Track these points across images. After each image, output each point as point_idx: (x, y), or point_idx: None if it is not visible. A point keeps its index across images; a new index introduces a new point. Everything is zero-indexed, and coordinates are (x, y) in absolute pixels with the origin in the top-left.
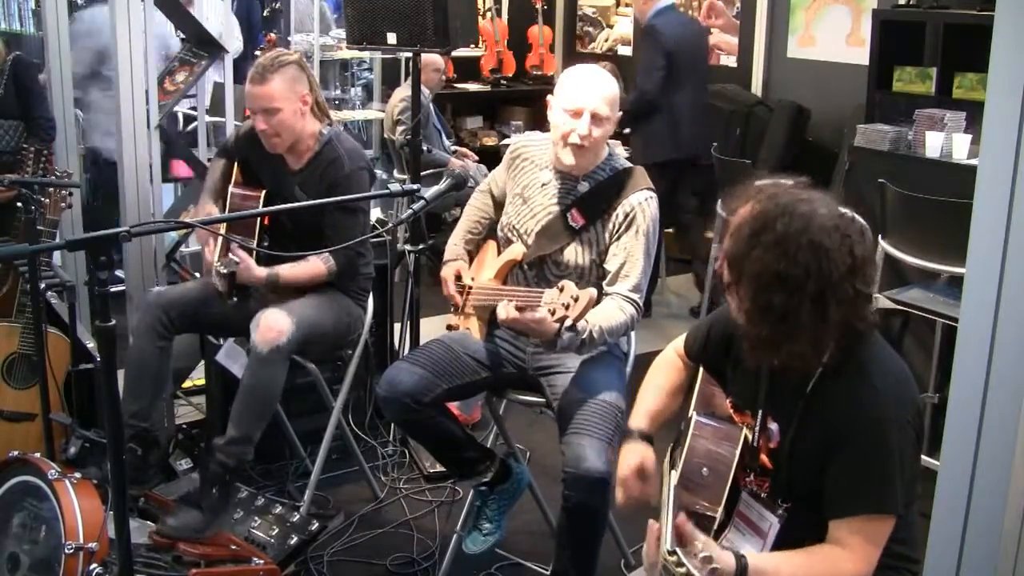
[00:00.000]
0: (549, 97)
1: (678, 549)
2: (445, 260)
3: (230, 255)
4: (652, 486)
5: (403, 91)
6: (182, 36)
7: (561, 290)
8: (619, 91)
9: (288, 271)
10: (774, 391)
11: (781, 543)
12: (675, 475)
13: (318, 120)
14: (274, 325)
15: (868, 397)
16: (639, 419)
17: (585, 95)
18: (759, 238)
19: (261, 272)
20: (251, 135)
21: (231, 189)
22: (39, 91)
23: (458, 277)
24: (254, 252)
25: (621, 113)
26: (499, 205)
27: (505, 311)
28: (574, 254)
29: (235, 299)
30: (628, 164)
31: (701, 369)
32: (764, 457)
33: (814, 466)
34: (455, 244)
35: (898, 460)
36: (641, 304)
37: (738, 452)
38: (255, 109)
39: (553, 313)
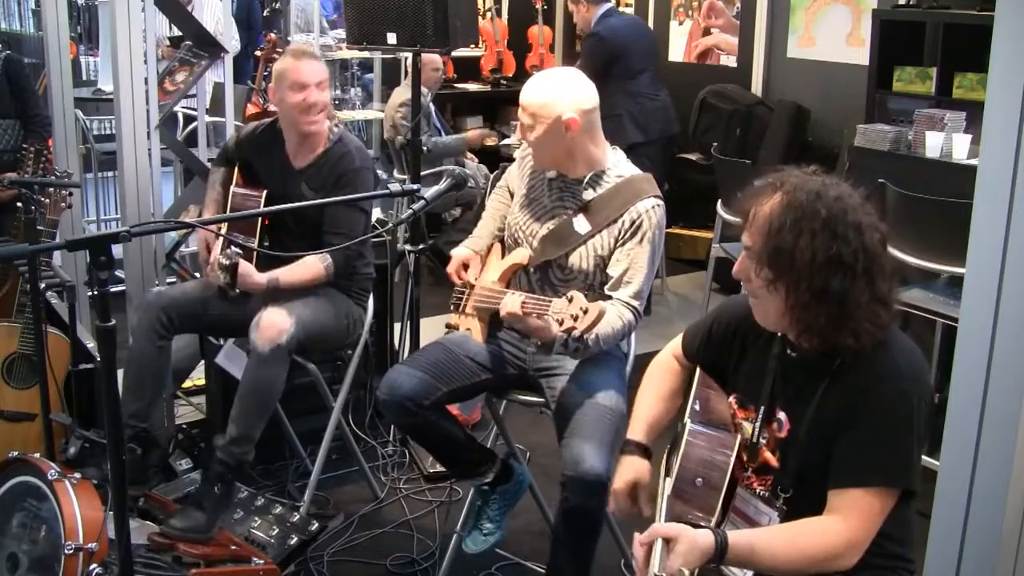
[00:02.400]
0: None
1: (665, 574)
2: (464, 245)
3: (230, 249)
4: (645, 504)
5: (401, 93)
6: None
7: (570, 301)
8: (566, 92)
9: (287, 274)
10: (785, 381)
11: None
12: (669, 483)
13: (328, 119)
14: (274, 324)
15: (891, 372)
16: (637, 430)
17: (521, 103)
18: (803, 225)
19: (261, 278)
20: (252, 137)
21: (232, 189)
22: (32, 89)
23: (465, 267)
24: (254, 252)
25: (575, 115)
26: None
27: (511, 304)
28: (579, 259)
29: (237, 291)
30: (636, 171)
31: (697, 372)
32: (767, 453)
33: (828, 448)
34: (478, 236)
35: (916, 434)
36: (641, 311)
37: (733, 460)
38: (308, 82)
39: (561, 323)
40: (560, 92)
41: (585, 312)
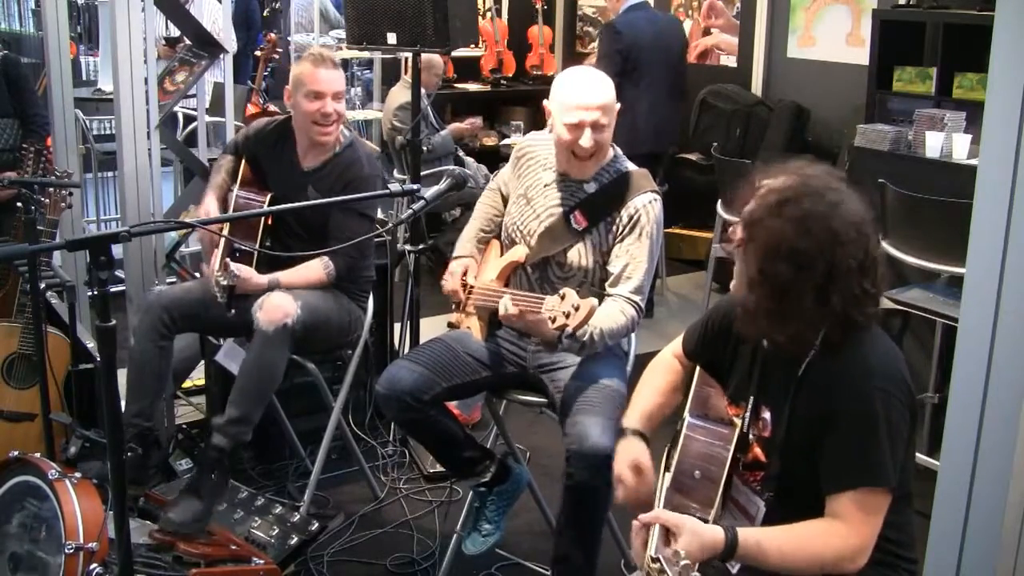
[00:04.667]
0: (546, 103)
1: (661, 556)
2: (455, 256)
3: (230, 267)
4: (649, 481)
5: (397, 95)
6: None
7: (562, 298)
8: (611, 83)
9: (288, 277)
10: (767, 378)
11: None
12: (668, 477)
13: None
14: (280, 306)
15: (856, 371)
16: (633, 418)
17: (584, 109)
18: (783, 209)
19: (262, 280)
20: (263, 134)
21: (236, 191)
22: (31, 88)
23: (463, 275)
24: (255, 254)
25: (620, 105)
26: (507, 204)
27: (506, 307)
28: (577, 256)
29: (232, 311)
30: (633, 167)
31: (697, 370)
32: (757, 449)
33: (807, 449)
34: (466, 242)
35: (885, 430)
36: (642, 306)
37: (731, 453)
38: (326, 92)
39: (553, 321)
40: (609, 83)
41: (577, 309)
